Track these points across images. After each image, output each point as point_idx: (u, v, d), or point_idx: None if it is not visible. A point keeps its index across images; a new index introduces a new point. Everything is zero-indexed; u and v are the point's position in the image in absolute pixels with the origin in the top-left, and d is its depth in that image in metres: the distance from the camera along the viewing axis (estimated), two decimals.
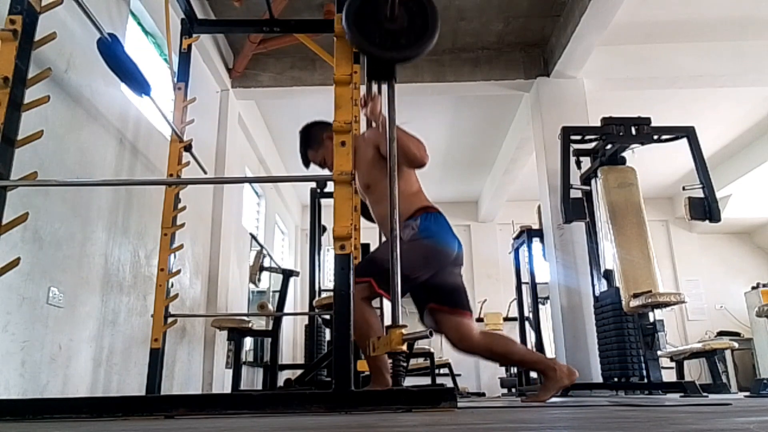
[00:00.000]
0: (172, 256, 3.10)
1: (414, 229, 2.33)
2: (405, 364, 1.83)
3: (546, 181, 5.20)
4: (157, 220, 3.18)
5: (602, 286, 4.35)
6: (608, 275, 4.29)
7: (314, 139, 2.65)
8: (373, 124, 2.54)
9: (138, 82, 2.72)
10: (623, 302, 3.83)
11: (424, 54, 2.01)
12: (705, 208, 4.12)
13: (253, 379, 6.03)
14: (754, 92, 5.98)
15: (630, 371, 3.82)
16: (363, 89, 2.47)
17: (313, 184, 5.18)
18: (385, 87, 2.09)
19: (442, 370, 6.53)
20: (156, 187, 3.47)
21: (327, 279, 6.12)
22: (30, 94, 1.98)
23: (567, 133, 4.50)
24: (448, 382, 5.95)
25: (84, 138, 2.87)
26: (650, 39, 5.22)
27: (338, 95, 1.99)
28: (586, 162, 4.60)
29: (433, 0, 2.04)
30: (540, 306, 5.69)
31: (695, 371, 7.05)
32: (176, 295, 3.18)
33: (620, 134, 4.25)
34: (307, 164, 2.76)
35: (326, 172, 2.66)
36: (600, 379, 4.24)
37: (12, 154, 1.89)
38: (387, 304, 2.25)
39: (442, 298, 2.41)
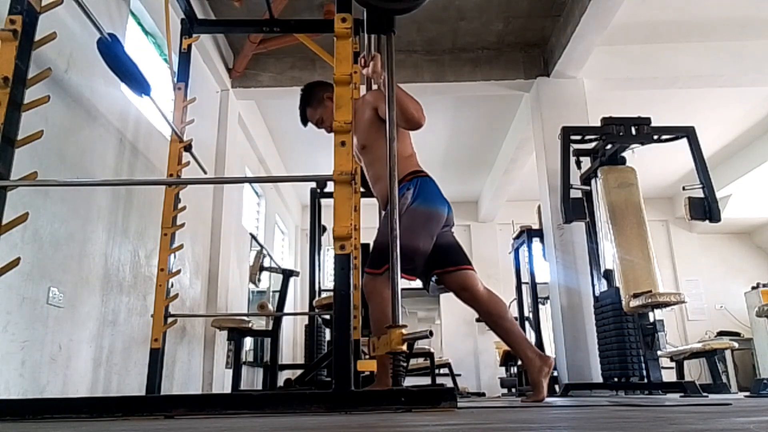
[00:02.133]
0: (172, 256, 3.10)
1: (407, 198, 2.38)
2: (405, 364, 1.83)
3: (546, 181, 5.20)
4: (157, 220, 3.18)
5: (602, 286, 4.35)
6: (608, 275, 4.29)
7: (314, 98, 2.71)
8: (374, 86, 2.55)
9: (138, 82, 2.72)
10: (623, 302, 3.83)
11: (421, 5, 2.01)
12: (705, 208, 4.12)
13: (253, 379, 6.03)
14: (754, 92, 5.98)
15: (630, 371, 3.82)
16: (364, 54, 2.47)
17: (313, 184, 5.18)
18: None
19: (442, 370, 6.53)
20: (156, 187, 3.47)
21: (327, 279, 6.12)
22: (30, 94, 1.97)
23: (567, 133, 4.50)
24: (448, 382, 5.95)
25: (84, 138, 2.87)
26: (650, 39, 5.22)
27: (338, 95, 1.98)
28: (586, 162, 4.60)
29: None
30: (540, 306, 5.70)
31: (695, 371, 7.05)
32: (176, 295, 3.18)
33: (620, 134, 4.25)
34: (305, 122, 2.80)
35: (323, 131, 2.69)
36: (600, 379, 4.24)
37: (12, 154, 1.89)
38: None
39: (443, 261, 2.50)
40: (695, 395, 3.37)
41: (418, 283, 2.69)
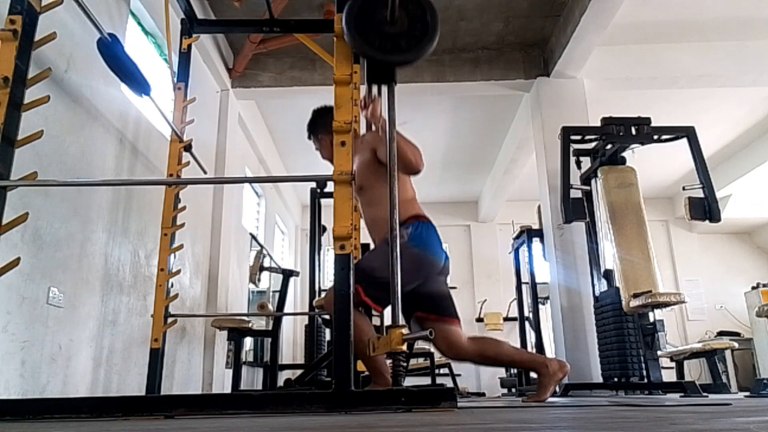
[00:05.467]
0: (172, 256, 3.10)
1: (404, 237, 2.31)
2: (405, 364, 1.83)
3: (546, 181, 5.20)
4: (157, 220, 3.18)
5: (602, 286, 4.35)
6: (608, 275, 4.29)
7: (316, 130, 2.74)
8: (373, 127, 2.55)
9: (138, 82, 2.72)
10: (623, 302, 3.82)
11: (424, 57, 2.00)
12: (705, 208, 4.12)
13: (253, 379, 6.03)
14: (754, 92, 5.98)
15: (630, 371, 3.82)
16: (363, 90, 2.47)
17: (313, 184, 5.18)
18: (385, 89, 2.08)
19: (442, 370, 6.53)
20: (156, 187, 3.47)
21: (327, 279, 6.12)
22: (30, 94, 1.97)
23: (567, 133, 4.50)
24: (448, 382, 5.95)
25: (84, 138, 2.87)
26: (650, 39, 5.22)
27: (338, 95, 1.98)
28: (586, 162, 4.60)
29: (433, 3, 2.03)
30: (540, 306, 5.69)
31: (695, 371, 7.05)
32: (176, 295, 3.18)
33: (620, 134, 4.25)
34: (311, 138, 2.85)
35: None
36: (600, 379, 4.24)
37: (12, 154, 1.89)
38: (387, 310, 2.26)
39: (429, 306, 2.42)
40: (695, 395, 3.37)
41: None
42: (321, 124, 2.69)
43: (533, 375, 5.20)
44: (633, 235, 4.00)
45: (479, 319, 8.85)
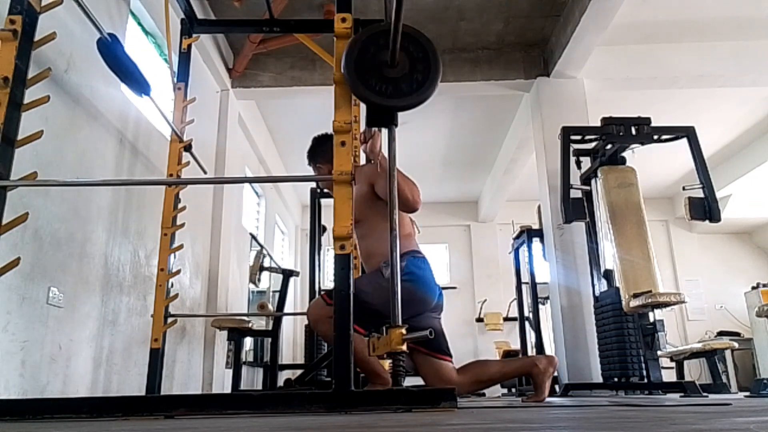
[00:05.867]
0: (172, 256, 3.10)
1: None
2: (405, 364, 1.83)
3: (546, 181, 5.20)
4: (157, 220, 3.18)
5: (602, 286, 4.35)
6: (608, 275, 4.29)
7: (313, 156, 2.75)
8: (372, 161, 2.54)
9: (138, 82, 2.72)
10: (623, 302, 3.82)
11: (426, 101, 1.95)
12: (705, 208, 4.12)
13: (253, 379, 6.03)
14: (754, 92, 5.98)
15: (630, 371, 3.82)
16: (363, 125, 2.47)
17: (313, 184, 5.19)
18: (385, 130, 2.04)
19: None
20: (156, 187, 3.47)
21: (327, 279, 6.12)
22: (30, 94, 1.98)
23: (567, 133, 4.50)
24: None
25: (84, 138, 2.87)
26: (650, 39, 5.22)
27: (338, 95, 1.99)
28: (586, 162, 4.60)
29: (434, 46, 1.99)
30: (540, 306, 5.69)
31: (695, 371, 7.05)
32: (176, 295, 3.18)
33: (620, 134, 4.25)
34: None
35: None
36: (600, 379, 4.24)
37: (12, 154, 1.89)
38: None
39: (423, 342, 2.39)
40: (695, 395, 3.37)
41: None
42: (320, 153, 2.68)
43: None
44: (633, 235, 4.00)
45: (479, 319, 8.85)
